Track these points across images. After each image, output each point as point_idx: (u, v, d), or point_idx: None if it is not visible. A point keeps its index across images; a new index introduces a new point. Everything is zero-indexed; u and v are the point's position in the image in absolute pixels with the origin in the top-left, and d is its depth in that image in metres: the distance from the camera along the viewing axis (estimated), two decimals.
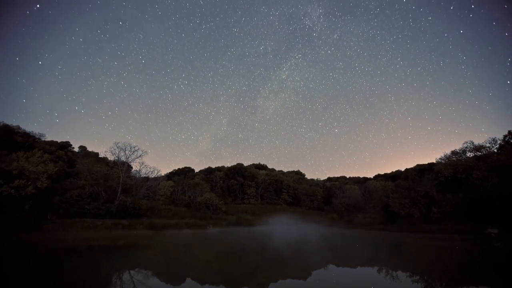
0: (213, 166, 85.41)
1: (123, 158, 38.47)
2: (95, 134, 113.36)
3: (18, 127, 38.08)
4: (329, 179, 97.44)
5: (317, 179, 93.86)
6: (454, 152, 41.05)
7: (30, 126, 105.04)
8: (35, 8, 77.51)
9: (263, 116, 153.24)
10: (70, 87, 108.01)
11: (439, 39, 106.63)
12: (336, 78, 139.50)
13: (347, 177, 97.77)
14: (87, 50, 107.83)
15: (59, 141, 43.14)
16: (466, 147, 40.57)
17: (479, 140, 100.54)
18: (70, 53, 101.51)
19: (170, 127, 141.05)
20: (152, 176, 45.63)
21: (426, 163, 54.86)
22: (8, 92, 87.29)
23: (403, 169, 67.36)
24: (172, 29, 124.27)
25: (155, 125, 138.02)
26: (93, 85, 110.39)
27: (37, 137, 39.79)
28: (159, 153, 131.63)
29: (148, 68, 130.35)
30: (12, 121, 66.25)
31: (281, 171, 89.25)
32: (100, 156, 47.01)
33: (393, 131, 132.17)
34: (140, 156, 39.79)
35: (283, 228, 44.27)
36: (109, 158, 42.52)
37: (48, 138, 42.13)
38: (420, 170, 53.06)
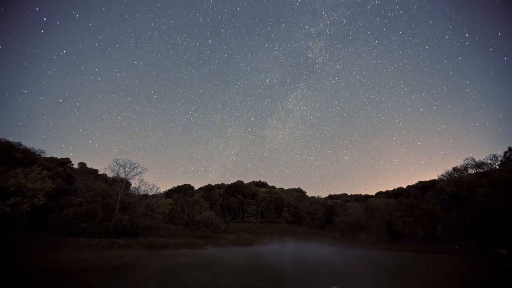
0: (213, 184, 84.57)
1: (122, 175, 38.22)
2: (107, 166, 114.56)
3: (19, 144, 38.18)
4: (330, 196, 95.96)
5: (318, 197, 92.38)
6: (455, 169, 40.73)
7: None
8: (61, 53, 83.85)
9: (271, 145, 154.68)
10: (86, 122, 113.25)
11: (439, 66, 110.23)
12: (342, 106, 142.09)
13: (348, 194, 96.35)
14: (103, 88, 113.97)
15: (59, 157, 43.05)
16: (467, 164, 40.32)
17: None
18: (88, 91, 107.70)
19: (180, 159, 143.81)
20: (151, 194, 45.01)
21: (428, 180, 54.28)
22: (30, 128, 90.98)
23: (404, 186, 66.53)
24: (182, 66, 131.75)
25: (165, 157, 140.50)
26: (107, 119, 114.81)
27: (37, 153, 39.77)
28: (159, 171, 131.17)
29: (160, 102, 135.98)
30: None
31: (281, 188, 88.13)
32: (99, 173, 46.69)
33: (405, 156, 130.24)
34: (139, 173, 39.55)
35: (284, 248, 42.89)
36: (108, 175, 42.20)
37: (48, 154, 42.13)
38: (422, 187, 52.38)
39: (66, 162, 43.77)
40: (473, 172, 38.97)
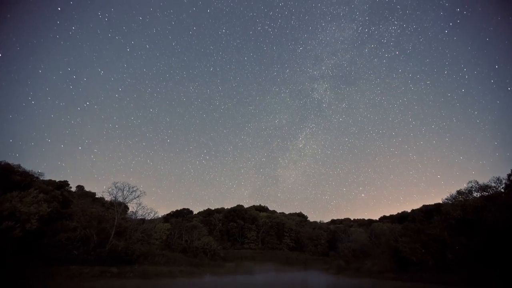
0: (213, 208, 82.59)
1: (120, 199, 37.46)
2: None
3: (19, 166, 37.97)
4: (333, 221, 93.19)
5: (320, 222, 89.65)
6: (460, 192, 39.93)
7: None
8: (84, 105, 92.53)
9: (285, 185, 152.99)
10: (101, 168, 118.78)
11: (443, 99, 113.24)
12: (352, 143, 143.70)
13: (352, 219, 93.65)
14: (120, 134, 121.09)
15: (57, 180, 42.61)
16: (471, 187, 39.62)
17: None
18: (106, 138, 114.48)
19: (192, 202, 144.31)
20: (149, 218, 43.77)
21: (433, 203, 53.03)
22: (47, 174, 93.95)
23: (409, 210, 64.80)
24: (194, 112, 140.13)
25: (177, 201, 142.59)
26: (122, 164, 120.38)
27: (35, 176, 39.40)
28: (158, 194, 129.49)
29: (173, 147, 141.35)
30: None
31: (282, 213, 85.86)
32: (97, 196, 45.86)
33: (425, 191, 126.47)
34: (138, 196, 38.82)
35: (287, 278, 40.60)
36: (106, 199, 41.40)
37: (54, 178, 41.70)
38: (427, 211, 51.00)
39: (64, 185, 43.22)
40: (478, 195, 38.19)
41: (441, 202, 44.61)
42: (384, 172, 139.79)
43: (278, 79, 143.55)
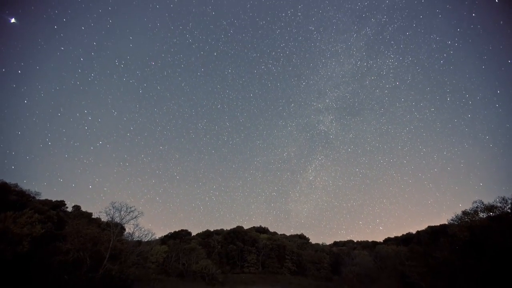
0: (212, 229, 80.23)
1: (117, 219, 36.38)
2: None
3: (16, 185, 37.42)
4: (336, 243, 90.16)
5: (322, 244, 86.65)
6: (465, 213, 38.97)
7: None
8: (97, 144, 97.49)
9: (297, 220, 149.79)
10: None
11: (451, 125, 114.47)
12: (364, 173, 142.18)
13: (355, 241, 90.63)
14: (130, 172, 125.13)
15: (53, 200, 41.79)
16: (476, 207, 38.75)
17: None
18: (117, 176, 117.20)
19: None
20: (146, 240, 42.24)
21: (438, 224, 51.59)
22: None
23: (414, 232, 62.87)
24: (203, 148, 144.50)
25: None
26: (131, 203, 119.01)
27: (32, 195, 38.68)
28: (156, 215, 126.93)
29: (182, 183, 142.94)
30: None
31: (283, 234, 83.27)
32: (93, 216, 44.69)
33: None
34: (135, 217, 37.73)
35: None
36: (102, 219, 40.31)
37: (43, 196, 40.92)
38: (433, 232, 49.43)
39: (60, 204, 42.32)
40: (485, 216, 37.26)
41: (446, 223, 43.44)
42: (400, 202, 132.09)
43: (284, 113, 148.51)
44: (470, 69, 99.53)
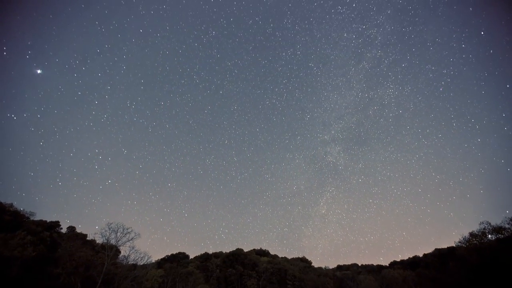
0: (210, 252, 77.21)
1: (112, 241, 35.02)
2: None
3: (11, 205, 36.59)
4: (339, 267, 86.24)
5: (325, 268, 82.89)
6: (473, 235, 37.70)
7: None
8: (106, 183, 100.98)
9: (312, 258, 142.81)
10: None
11: (462, 150, 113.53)
12: (378, 204, 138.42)
13: (359, 264, 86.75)
14: (138, 211, 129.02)
15: (48, 220, 40.63)
16: (484, 228, 37.58)
17: None
18: (124, 215, 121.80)
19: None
20: (141, 263, 40.36)
21: (445, 247, 49.70)
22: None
23: (420, 255, 60.41)
24: (211, 184, 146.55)
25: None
26: (138, 244, 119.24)
27: (27, 215, 37.67)
28: (153, 237, 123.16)
29: (190, 221, 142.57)
30: None
31: (284, 258, 79.92)
32: (88, 238, 43.14)
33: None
34: (131, 239, 36.36)
35: None
36: (98, 241, 38.77)
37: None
38: (440, 255, 47.47)
39: (54, 225, 41.07)
40: (493, 238, 35.97)
41: (454, 245, 41.87)
42: (421, 235, 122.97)
43: (290, 146, 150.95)
44: (470, 95, 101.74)
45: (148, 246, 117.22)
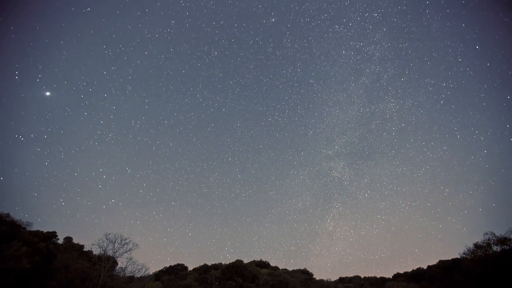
0: (209, 264, 75.65)
1: (110, 252, 34.37)
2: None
3: (8, 215, 36.08)
4: (341, 279, 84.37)
5: (327, 280, 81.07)
6: (477, 246, 37.02)
7: None
8: (109, 203, 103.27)
9: (316, 272, 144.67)
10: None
11: (468, 162, 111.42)
12: (386, 220, 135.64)
13: (362, 277, 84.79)
14: (141, 231, 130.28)
15: (44, 231, 40.04)
16: (488, 239, 36.94)
17: None
18: (127, 235, 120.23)
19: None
20: (139, 275, 39.45)
21: (450, 258, 48.71)
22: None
23: (425, 267, 59.13)
24: (215, 202, 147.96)
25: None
26: (140, 264, 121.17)
27: (23, 225, 37.10)
28: (151, 249, 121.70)
29: (194, 241, 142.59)
30: None
31: (285, 269, 78.25)
32: (85, 249, 42.36)
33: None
34: (129, 250, 35.73)
35: None
36: (94, 252, 38.08)
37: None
38: (445, 267, 46.44)
39: (51, 236, 40.44)
40: (498, 249, 35.27)
41: (459, 257, 41.08)
42: (434, 250, 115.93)
43: (294, 162, 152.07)
44: (472, 107, 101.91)
45: (150, 267, 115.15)
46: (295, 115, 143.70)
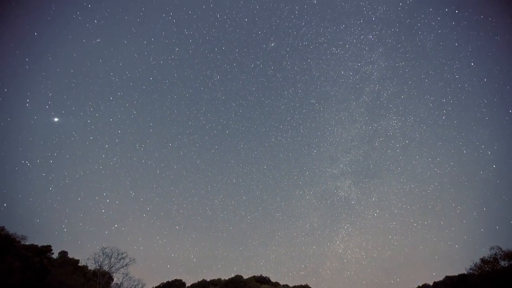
0: (208, 279, 73.33)
1: (106, 267, 33.31)
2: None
3: (3, 228, 35.27)
4: None
5: None
6: (484, 261, 35.99)
7: None
8: (112, 228, 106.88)
9: None
10: None
11: (478, 178, 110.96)
12: (399, 240, 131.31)
13: None
14: (144, 257, 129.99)
15: (39, 245, 39.06)
16: (495, 254, 35.98)
17: None
18: (130, 262, 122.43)
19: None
20: None
21: (457, 274, 47.25)
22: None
23: (431, 283, 57.22)
24: (221, 225, 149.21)
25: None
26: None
27: (18, 239, 36.17)
28: (154, 277, 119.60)
29: (199, 267, 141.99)
30: None
31: (286, 285, 75.80)
32: (80, 264, 41.13)
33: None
34: (126, 265, 34.68)
35: None
36: (90, 267, 36.91)
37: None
38: (452, 284, 44.98)
39: (46, 250, 39.39)
40: (506, 264, 34.26)
41: (465, 272, 39.88)
42: (448, 271, 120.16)
43: (299, 182, 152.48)
44: (474, 121, 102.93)
45: (148, 283, 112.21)
46: (298, 135, 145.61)
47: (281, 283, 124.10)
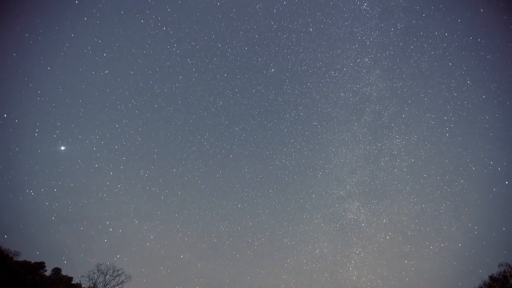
0: None
1: (100, 285, 31.93)
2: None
3: None
4: None
5: None
6: (493, 279, 34.93)
7: None
8: (115, 258, 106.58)
9: None
10: None
11: (492, 195, 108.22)
12: (416, 265, 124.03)
13: None
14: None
15: (32, 261, 37.56)
16: (504, 271, 34.95)
17: None
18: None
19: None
20: None
21: None
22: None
23: None
24: (227, 252, 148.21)
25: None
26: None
27: (10, 255, 34.82)
28: (149, 281, 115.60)
29: None
30: None
31: None
32: (73, 282, 39.41)
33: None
34: (122, 282, 33.33)
35: None
36: (84, 285, 35.37)
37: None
38: None
39: (39, 267, 37.84)
40: None
41: None
42: None
43: (306, 206, 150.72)
44: (479, 138, 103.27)
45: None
46: (302, 157, 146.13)
47: None
